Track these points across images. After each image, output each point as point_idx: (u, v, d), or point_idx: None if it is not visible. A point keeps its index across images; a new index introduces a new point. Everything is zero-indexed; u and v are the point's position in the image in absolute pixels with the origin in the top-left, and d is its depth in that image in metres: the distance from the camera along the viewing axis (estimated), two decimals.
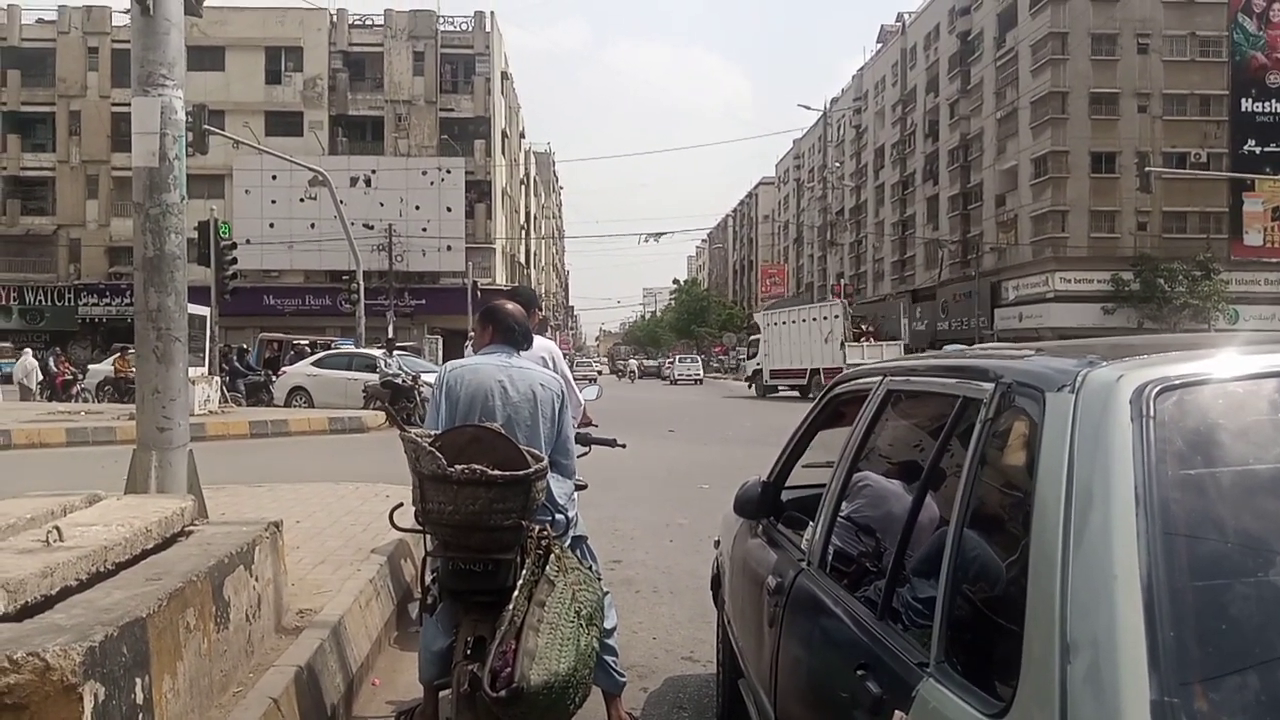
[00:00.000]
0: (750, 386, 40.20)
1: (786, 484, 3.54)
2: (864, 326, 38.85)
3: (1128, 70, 45.88)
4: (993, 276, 50.13)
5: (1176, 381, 1.48)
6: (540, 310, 6.03)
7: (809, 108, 67.10)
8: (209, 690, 3.20)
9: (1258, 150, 44.71)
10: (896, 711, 1.70)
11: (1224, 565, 1.36)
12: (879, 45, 71.08)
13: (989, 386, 1.86)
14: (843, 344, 34.34)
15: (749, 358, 42.31)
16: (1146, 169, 36.74)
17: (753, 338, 43.99)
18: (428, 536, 3.27)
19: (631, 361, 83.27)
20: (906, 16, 65.40)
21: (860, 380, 2.94)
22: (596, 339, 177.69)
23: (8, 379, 30.65)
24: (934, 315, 56.02)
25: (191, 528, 3.99)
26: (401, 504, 3.31)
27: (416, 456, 3.02)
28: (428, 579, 3.31)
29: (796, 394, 35.21)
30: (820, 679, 2.34)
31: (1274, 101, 45.25)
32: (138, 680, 2.61)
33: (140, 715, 2.61)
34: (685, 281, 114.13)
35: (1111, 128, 45.82)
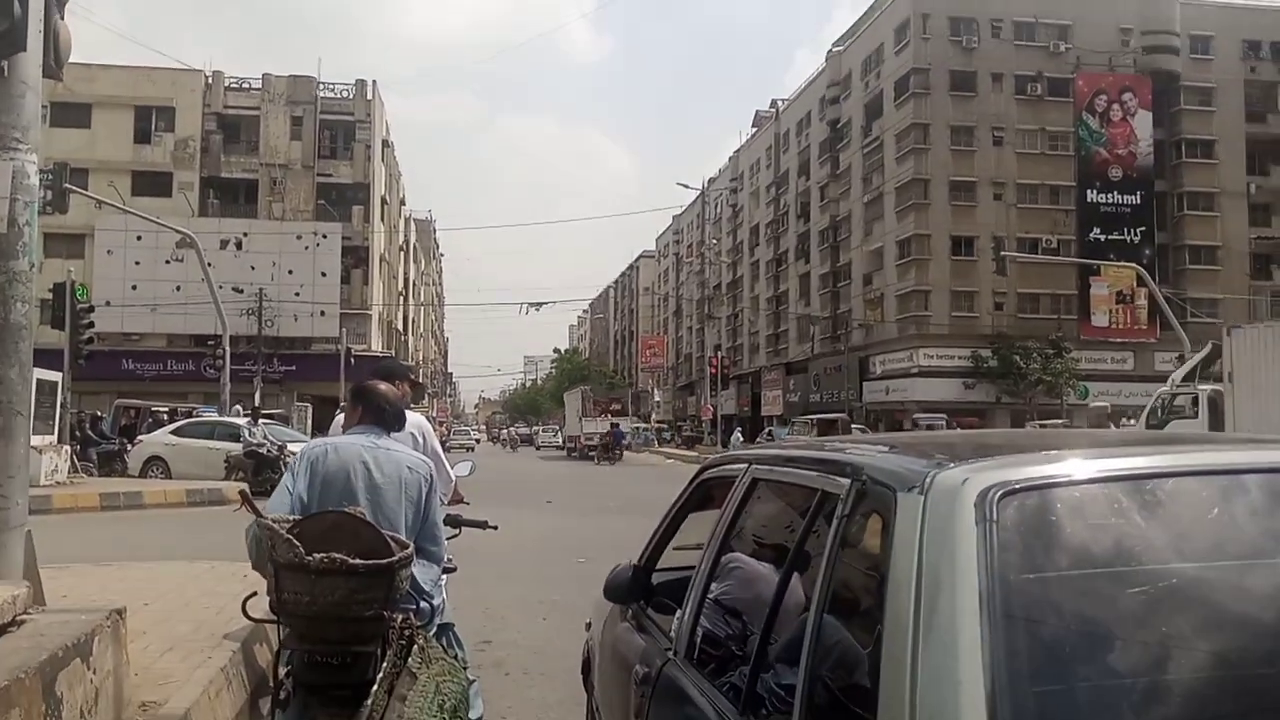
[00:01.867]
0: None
1: (658, 567, 3.53)
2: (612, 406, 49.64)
3: (984, 160, 48.84)
4: (861, 351, 51.98)
5: (1018, 485, 1.55)
6: (417, 379, 5.91)
7: (687, 186, 69.03)
8: None
9: (1102, 238, 47.93)
10: None
11: (1065, 666, 1.42)
12: (754, 129, 73.79)
13: (845, 482, 1.91)
14: (580, 417, 48.11)
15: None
16: (1001, 253, 38.97)
17: None
18: (282, 626, 3.12)
19: (503, 431, 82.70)
20: (780, 103, 68.32)
21: (726, 467, 2.98)
22: (476, 406, 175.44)
23: None
24: (806, 387, 57.60)
25: (24, 617, 3.72)
26: (256, 593, 3.16)
27: (272, 544, 2.90)
28: (281, 672, 3.15)
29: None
30: None
31: (1116, 193, 48.75)
32: None
33: None
34: (566, 350, 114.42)
35: (970, 213, 48.52)
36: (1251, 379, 18.67)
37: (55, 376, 18.80)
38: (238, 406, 28.28)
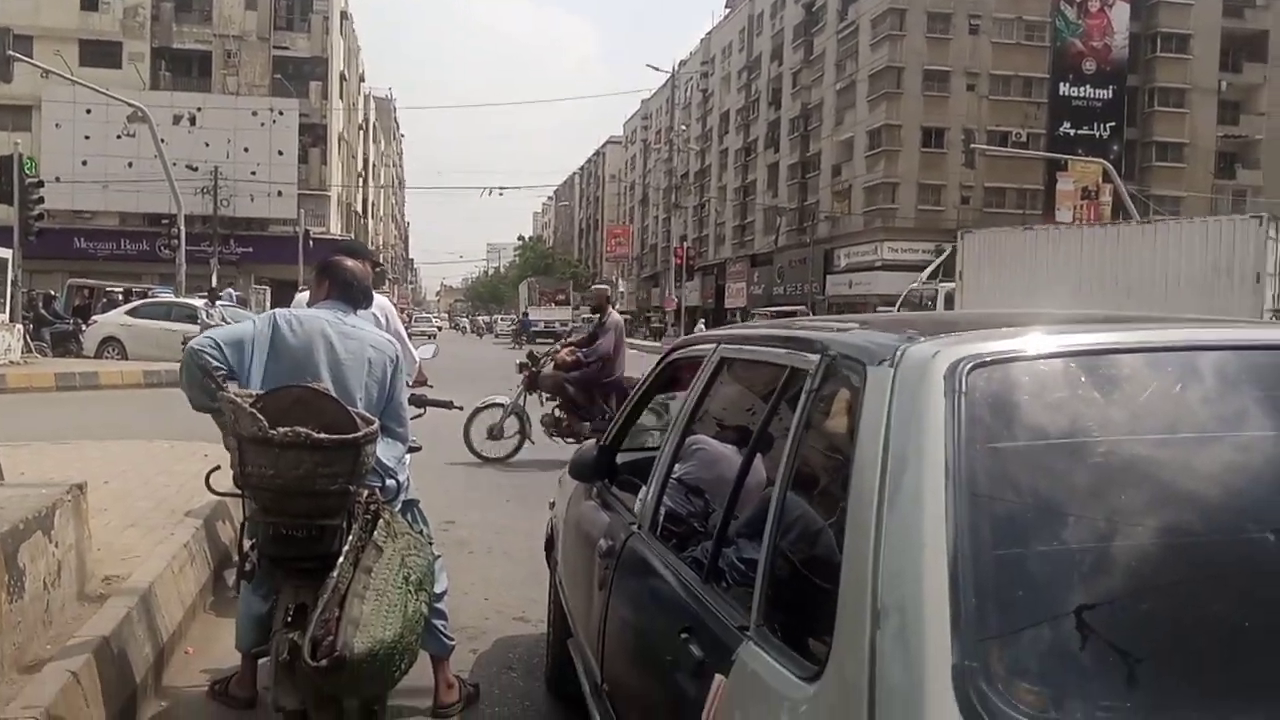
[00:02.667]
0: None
1: (622, 447, 3.55)
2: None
3: (959, 49, 48.11)
4: (826, 244, 51.99)
5: (988, 358, 1.55)
6: (377, 263, 5.81)
7: (657, 69, 67.23)
8: (1, 665, 2.98)
9: (1072, 132, 47.78)
10: (716, 674, 1.73)
11: (1025, 534, 1.44)
12: (727, 10, 71.86)
13: (815, 358, 1.90)
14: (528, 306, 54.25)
15: None
16: (972, 145, 38.80)
17: None
18: (247, 500, 3.12)
19: (463, 320, 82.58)
20: None
21: (696, 346, 2.97)
22: (437, 294, 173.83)
23: None
24: (770, 280, 57.70)
25: None
26: (219, 466, 3.14)
27: (235, 418, 2.86)
28: (246, 545, 3.16)
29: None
30: (646, 641, 2.37)
31: (1088, 87, 48.39)
32: None
33: None
34: (530, 238, 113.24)
35: (942, 105, 48.02)
36: (976, 278, 21.52)
37: (5, 253, 18.33)
38: (214, 297, 27.48)
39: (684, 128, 74.51)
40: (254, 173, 42.40)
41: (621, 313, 46.49)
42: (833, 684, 1.40)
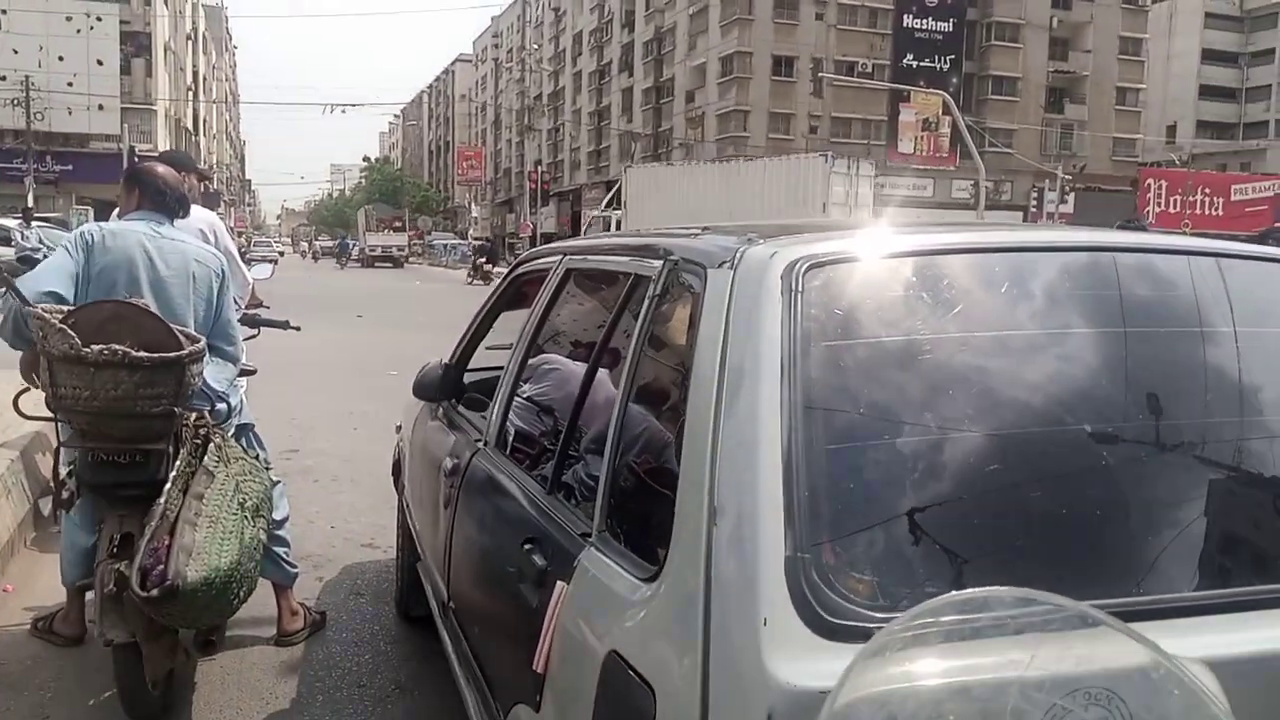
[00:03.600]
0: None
1: (469, 367, 3.48)
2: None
3: None
4: None
5: (825, 259, 1.56)
6: (208, 179, 5.47)
7: None
8: None
9: (915, 64, 49.14)
10: (559, 582, 1.72)
11: (857, 431, 1.47)
12: None
13: (658, 264, 1.89)
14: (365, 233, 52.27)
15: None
16: (820, 74, 39.41)
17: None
18: (60, 425, 2.91)
19: (303, 244, 79.31)
20: None
21: (541, 260, 2.91)
22: (279, 217, 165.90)
23: None
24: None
25: None
26: (28, 389, 2.92)
27: (44, 335, 2.66)
28: (63, 472, 2.96)
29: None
30: (490, 555, 2.35)
31: (931, 19, 49.72)
32: None
33: None
34: (377, 160, 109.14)
35: (792, 32, 48.51)
36: (639, 206, 26.79)
37: None
38: (30, 218, 25.50)
39: (536, 47, 72.88)
40: (70, 84, 39.11)
41: (477, 239, 44.94)
42: (670, 583, 1.41)
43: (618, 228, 26.33)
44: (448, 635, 2.74)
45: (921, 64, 49.41)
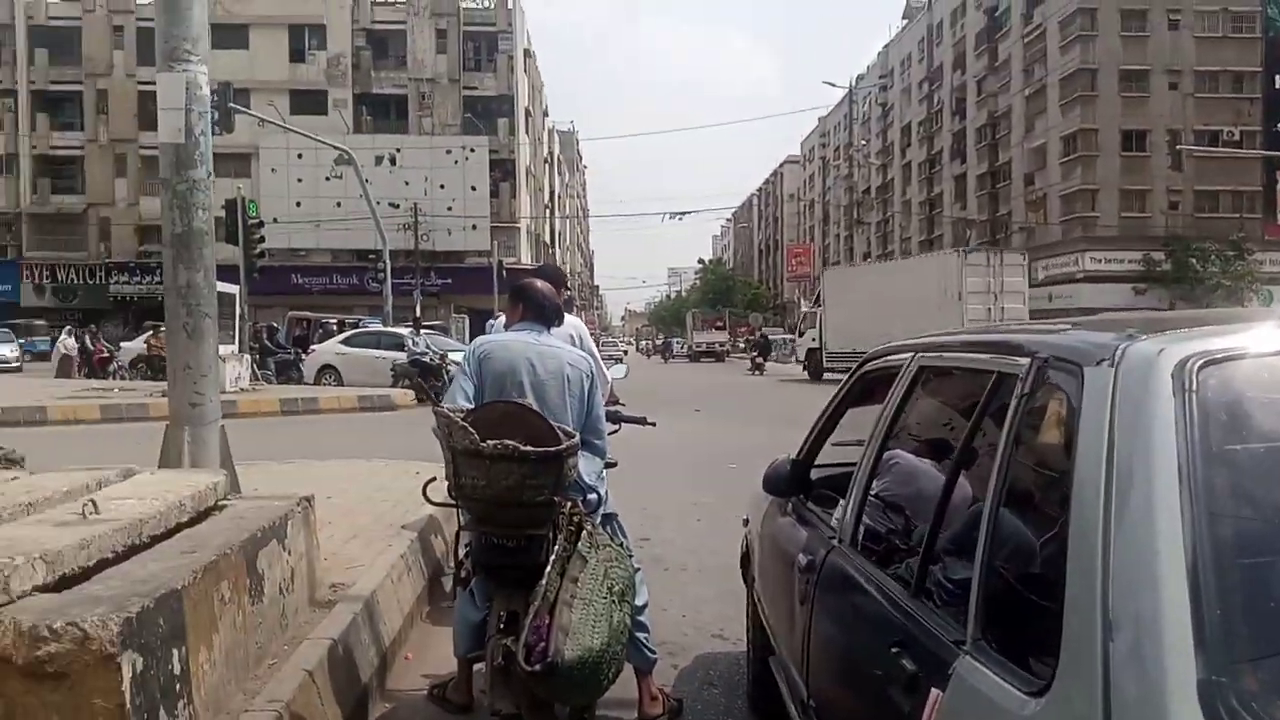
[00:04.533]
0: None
1: (816, 462, 3.53)
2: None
3: (1158, 46, 45.16)
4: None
5: (1219, 355, 1.46)
6: (566, 289, 6.00)
7: (834, 85, 66.25)
8: (245, 662, 3.25)
9: None
10: (932, 689, 1.69)
11: (1271, 543, 1.35)
12: (905, 22, 70.27)
13: (1024, 361, 1.85)
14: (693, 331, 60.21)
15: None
16: (1178, 147, 36.23)
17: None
18: (460, 511, 3.30)
19: (644, 342, 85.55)
20: None
21: (891, 357, 2.92)
22: (622, 318, 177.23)
23: (42, 356, 31.06)
24: None
25: (224, 502, 4.04)
26: (435, 478, 3.33)
27: (449, 431, 3.04)
28: (461, 553, 3.34)
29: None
30: (853, 656, 2.35)
31: None
32: (174, 651, 2.65)
33: (178, 686, 2.64)
34: (710, 261, 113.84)
35: (1142, 105, 45.16)
36: (835, 303, 31.64)
37: (233, 289, 20.00)
38: (419, 326, 28.98)
39: (864, 143, 73.27)
40: (449, 208, 44.81)
41: (755, 335, 46.06)
42: (1062, 700, 1.35)
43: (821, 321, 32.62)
44: None
45: None
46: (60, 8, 48.72)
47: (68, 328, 32.12)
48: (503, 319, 4.28)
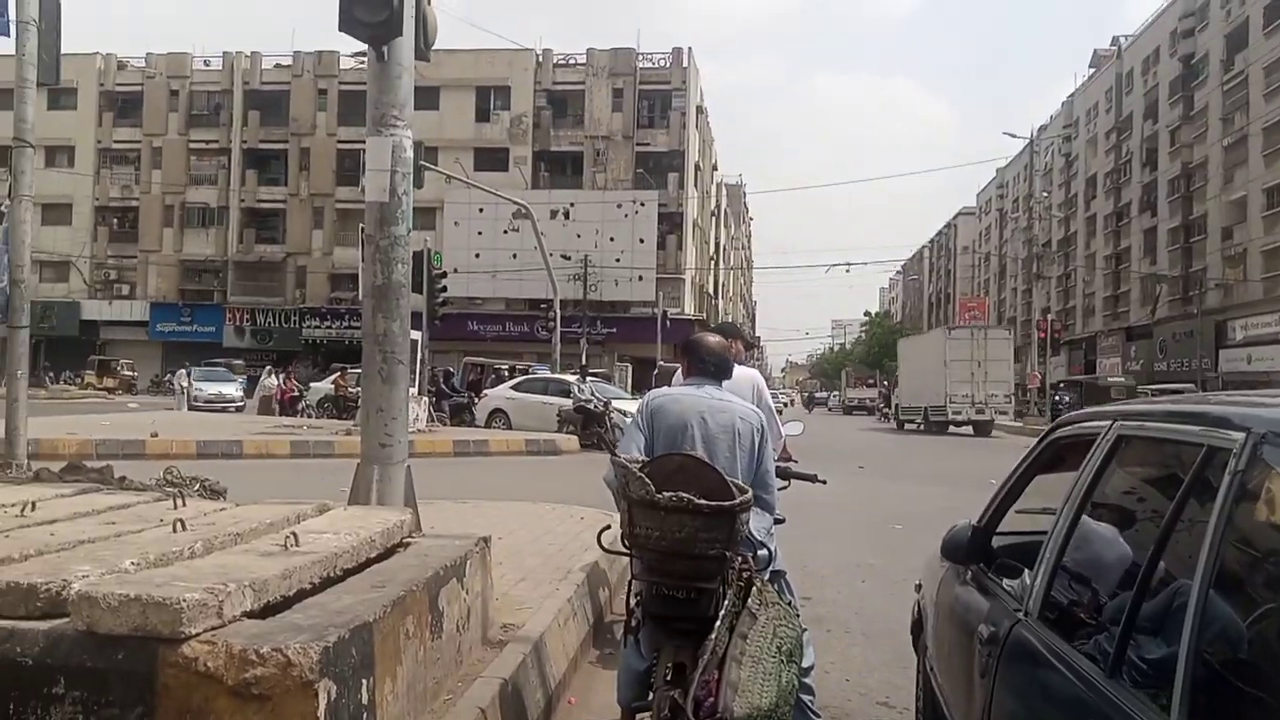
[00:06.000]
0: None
1: (997, 529, 3.40)
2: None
3: None
4: (1217, 315, 46.40)
5: None
6: (745, 341, 6.00)
7: (1015, 135, 64.08)
8: (423, 696, 3.38)
9: None
10: None
11: None
12: (1091, 70, 67.57)
13: (1238, 436, 1.75)
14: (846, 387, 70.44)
15: None
16: None
17: None
18: (633, 560, 3.35)
19: (804, 394, 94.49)
20: (1123, 40, 61.98)
21: (1086, 424, 2.80)
22: (783, 370, 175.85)
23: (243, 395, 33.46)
24: (1150, 354, 52.39)
25: (409, 539, 4.23)
26: (609, 525, 3.41)
27: (626, 481, 3.10)
28: (632, 602, 3.38)
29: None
30: None
31: None
32: (364, 681, 2.78)
33: (365, 715, 2.77)
34: (876, 313, 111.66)
35: None
36: (906, 370, 39.18)
37: (416, 335, 21.02)
38: (585, 373, 29.66)
39: (1045, 194, 70.46)
40: (618, 259, 45.92)
41: (1063, 384, 46.68)
42: None
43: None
44: None
45: None
46: (272, 73, 53.19)
47: (268, 368, 34.56)
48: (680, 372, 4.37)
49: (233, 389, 35.24)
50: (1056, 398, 35.08)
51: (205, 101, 53.86)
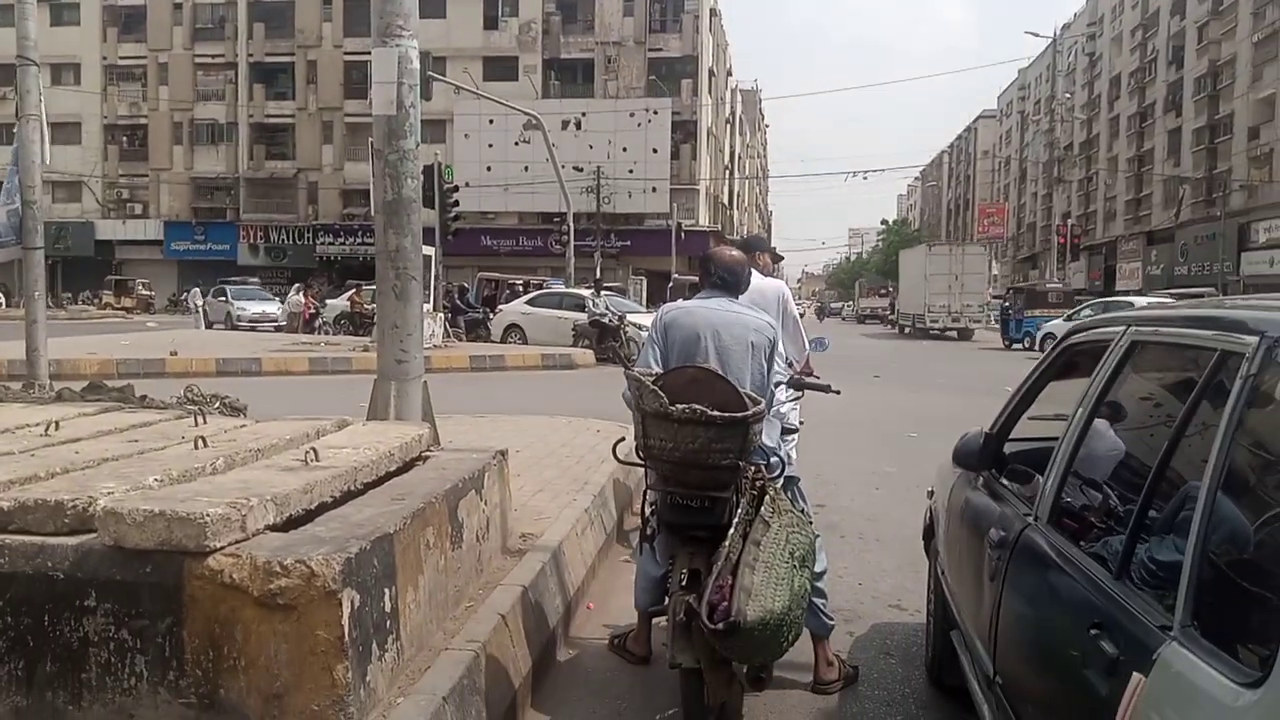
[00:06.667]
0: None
1: (1009, 436, 3.42)
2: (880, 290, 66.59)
3: None
4: (1241, 217, 45.64)
5: None
6: (773, 254, 5.84)
7: (1037, 35, 62.05)
8: (444, 603, 3.47)
9: None
10: (1134, 674, 1.64)
11: None
12: None
13: (1251, 340, 1.74)
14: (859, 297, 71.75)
15: None
16: None
17: None
18: (647, 470, 3.40)
19: (816, 303, 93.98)
20: None
21: (1100, 330, 2.79)
22: (799, 281, 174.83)
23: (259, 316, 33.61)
24: (1171, 259, 51.76)
25: (428, 453, 4.30)
26: (624, 438, 3.45)
27: (640, 394, 3.13)
28: (647, 511, 3.44)
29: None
30: (1047, 636, 2.29)
31: None
32: (386, 590, 2.86)
33: (388, 622, 2.86)
34: (894, 221, 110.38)
35: None
36: (903, 276, 43.54)
37: (429, 251, 20.98)
38: (599, 288, 29.55)
39: (1068, 96, 68.80)
40: (631, 170, 45.33)
41: (994, 297, 49.44)
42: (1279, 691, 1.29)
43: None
44: (989, 710, 2.69)
45: None
46: None
47: (297, 285, 34.76)
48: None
49: (273, 308, 35.41)
50: (1005, 303, 35.42)
51: (209, 14, 52.82)
